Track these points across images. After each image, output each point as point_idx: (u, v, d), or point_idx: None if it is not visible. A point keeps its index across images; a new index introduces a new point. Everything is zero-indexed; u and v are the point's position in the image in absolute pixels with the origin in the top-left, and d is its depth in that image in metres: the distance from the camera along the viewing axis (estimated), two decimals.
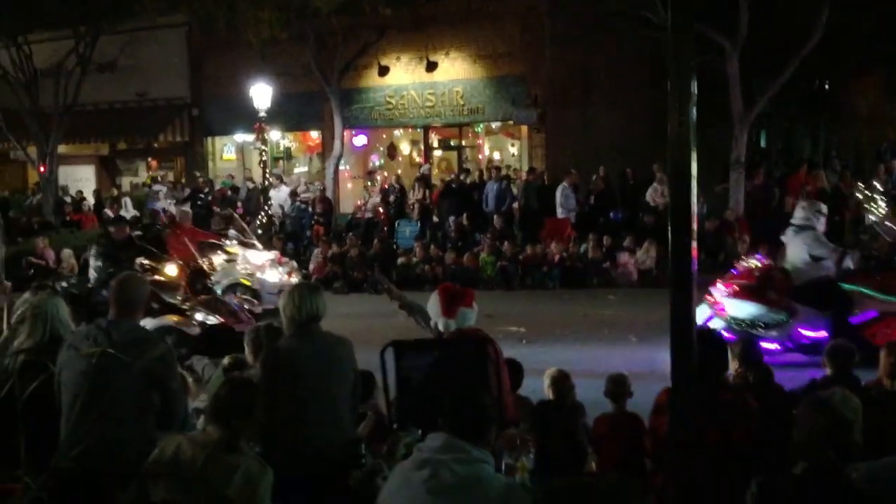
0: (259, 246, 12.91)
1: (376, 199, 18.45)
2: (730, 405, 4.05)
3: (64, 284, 9.66)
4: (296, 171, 22.17)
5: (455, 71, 19.28)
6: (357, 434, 4.43)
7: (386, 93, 19.80)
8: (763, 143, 20.42)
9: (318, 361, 4.16)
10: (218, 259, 11.45)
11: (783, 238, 8.93)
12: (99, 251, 9.09)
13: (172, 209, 18.45)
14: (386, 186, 18.70)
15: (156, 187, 19.80)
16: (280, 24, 17.13)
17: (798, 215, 8.74)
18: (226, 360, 5.70)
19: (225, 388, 3.77)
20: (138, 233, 10.52)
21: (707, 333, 4.44)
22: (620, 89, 17.47)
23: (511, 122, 19.42)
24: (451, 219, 16.33)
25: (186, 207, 15.37)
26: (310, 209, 18.05)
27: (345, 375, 4.27)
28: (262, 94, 17.59)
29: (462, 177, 18.17)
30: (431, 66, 19.13)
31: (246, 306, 10.02)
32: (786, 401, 4.71)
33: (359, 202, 19.13)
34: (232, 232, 12.92)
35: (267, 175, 18.39)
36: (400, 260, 15.38)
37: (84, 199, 19.75)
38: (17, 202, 20.77)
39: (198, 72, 22.01)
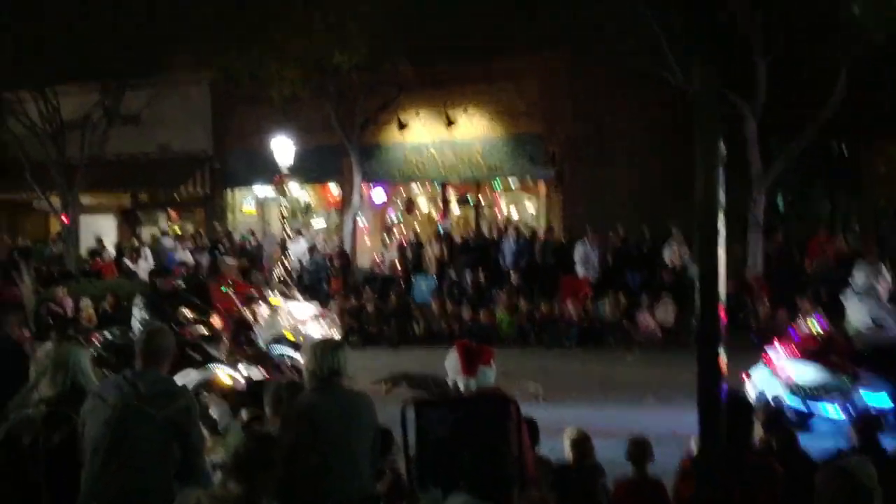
0: (301, 299, 12.80)
1: (394, 253, 18.52)
2: (756, 468, 3.99)
3: (108, 335, 9.65)
4: (314, 224, 22.33)
5: (474, 128, 19.52)
6: (376, 491, 4.39)
7: (405, 148, 20.04)
8: (781, 205, 20.40)
9: (338, 416, 4.17)
10: (261, 311, 11.43)
11: (843, 300, 8.79)
12: (144, 302, 9.05)
13: (189, 260, 18.63)
14: (403, 242, 18.78)
15: (164, 240, 19.95)
16: (302, 81, 17.47)
17: (859, 279, 8.62)
18: (244, 415, 5.68)
19: (245, 442, 3.76)
20: (181, 283, 10.55)
21: (733, 396, 4.39)
22: (637, 148, 17.59)
23: (529, 180, 19.56)
24: (468, 275, 16.33)
25: (231, 260, 15.34)
26: (327, 263, 18.13)
27: (365, 431, 4.27)
28: (282, 147, 17.83)
29: (479, 233, 18.24)
30: (450, 123, 19.39)
31: (288, 361, 9.94)
32: (811, 467, 4.62)
33: (376, 257, 19.19)
34: (276, 285, 12.89)
35: (286, 228, 18.52)
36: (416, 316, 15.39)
37: (104, 248, 19.92)
38: (38, 251, 20.99)
39: (220, 125, 22.38)
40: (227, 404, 7.12)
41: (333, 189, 21.70)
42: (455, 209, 21.17)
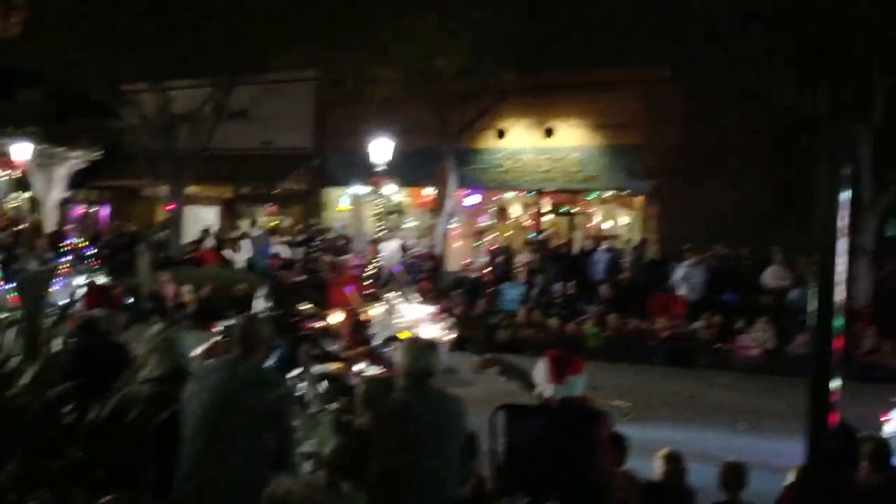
0: (418, 299, 12.86)
1: (484, 259, 18.52)
2: (861, 499, 3.81)
3: (230, 323, 9.93)
4: (406, 225, 22.57)
5: (572, 137, 19.37)
6: (462, 495, 4.38)
7: (502, 155, 20.05)
8: (892, 233, 19.47)
9: (429, 417, 4.17)
10: (375, 310, 11.58)
11: None
12: (268, 294, 9.28)
13: (287, 254, 19.10)
14: (495, 247, 18.77)
15: (254, 232, 20.48)
16: (403, 84, 17.70)
17: None
18: (334, 406, 5.77)
19: (340, 436, 3.81)
20: (302, 278, 10.78)
21: (841, 427, 4.21)
22: (740, 166, 17.07)
23: (625, 192, 19.26)
24: (558, 285, 16.18)
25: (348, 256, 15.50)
26: (418, 264, 18.27)
27: (455, 433, 4.26)
28: (381, 149, 18.05)
29: (570, 244, 18.08)
30: (549, 132, 19.30)
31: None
32: None
33: (466, 261, 19.24)
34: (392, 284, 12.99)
35: (379, 228, 18.77)
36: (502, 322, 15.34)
37: (209, 237, 20.63)
38: (149, 236, 21.93)
39: (321, 124, 22.89)
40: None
41: (427, 191, 21.88)
42: (548, 218, 21.02)
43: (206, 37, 18.09)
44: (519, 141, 19.90)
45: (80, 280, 12.76)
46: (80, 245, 15.39)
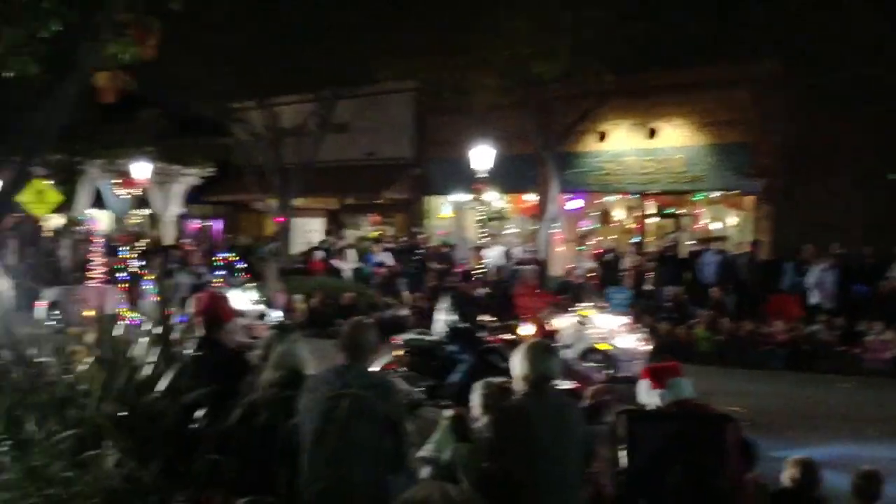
0: (610, 311, 12.60)
1: (588, 263, 18.28)
2: None
3: (411, 336, 9.81)
4: (506, 231, 22.54)
5: (677, 138, 18.91)
6: (581, 500, 4.32)
7: (603, 158, 19.78)
8: None
9: (549, 423, 4.13)
10: (565, 321, 11.35)
11: None
12: (452, 305, 9.26)
13: (391, 262, 19.39)
14: (599, 251, 18.52)
15: (340, 244, 20.84)
16: (502, 90, 17.71)
17: None
18: (449, 413, 5.78)
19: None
20: (487, 290, 10.69)
21: None
22: (860, 163, 16.24)
23: (733, 192, 18.64)
24: (666, 288, 15.81)
25: (531, 267, 15.44)
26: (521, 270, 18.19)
27: (576, 439, 4.21)
28: (481, 156, 18.12)
29: (678, 246, 17.63)
30: (652, 133, 18.91)
31: (601, 372, 9.85)
32: None
33: (570, 266, 19.03)
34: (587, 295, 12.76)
35: (481, 235, 18.81)
36: None
37: (316, 248, 21.17)
38: (256, 248, 22.71)
39: (422, 133, 23.16)
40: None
41: (529, 197, 21.80)
42: (653, 220, 20.59)
43: (310, 54, 18.60)
44: (621, 143, 19.58)
45: (235, 293, 13.09)
46: (231, 259, 15.85)
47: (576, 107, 18.68)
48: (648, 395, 4.49)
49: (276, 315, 12.96)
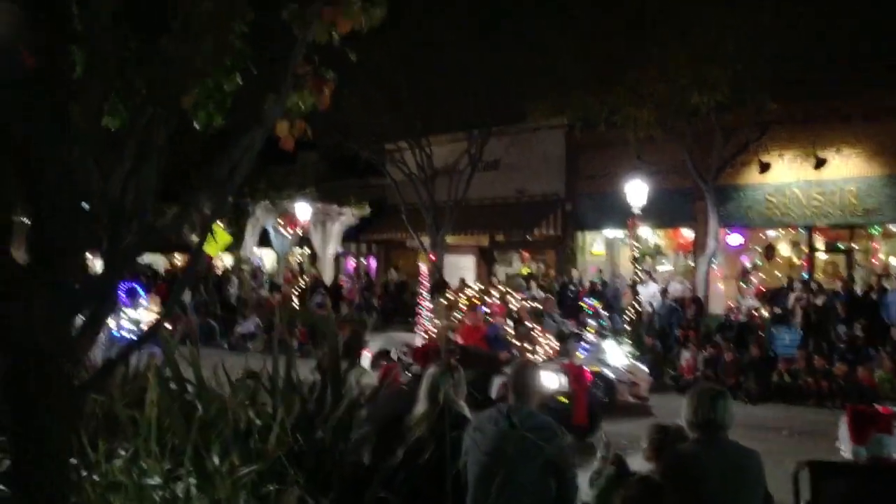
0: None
1: (751, 301, 17.42)
2: None
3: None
4: (660, 268, 21.91)
5: (847, 168, 17.78)
6: None
7: (766, 191, 18.88)
8: None
9: (721, 471, 3.89)
10: None
11: None
12: None
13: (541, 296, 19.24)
14: (763, 289, 17.60)
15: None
16: (657, 123, 17.33)
17: None
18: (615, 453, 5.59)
19: (637, 487, 3.69)
20: None
21: None
22: None
23: None
24: (841, 328, 14.78)
25: None
26: (678, 308, 17.58)
27: (753, 491, 3.94)
28: (636, 190, 17.75)
29: (852, 283, 16.48)
30: (820, 163, 17.86)
31: None
32: None
33: (731, 303, 18.21)
34: None
35: (637, 271, 18.36)
36: (779, 369, 14.24)
37: (467, 285, 21.37)
38: (411, 286, 23.21)
39: (573, 169, 23.01)
40: None
41: (685, 232, 21.11)
42: (823, 256, 19.38)
43: (462, 93, 18.99)
44: (785, 175, 18.62)
45: (610, 345, 13.18)
46: (598, 306, 15.22)
47: (736, 137, 17.98)
48: (844, 441, 4.13)
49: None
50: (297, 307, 21.25)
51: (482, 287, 13.10)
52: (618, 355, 13.14)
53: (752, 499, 3.93)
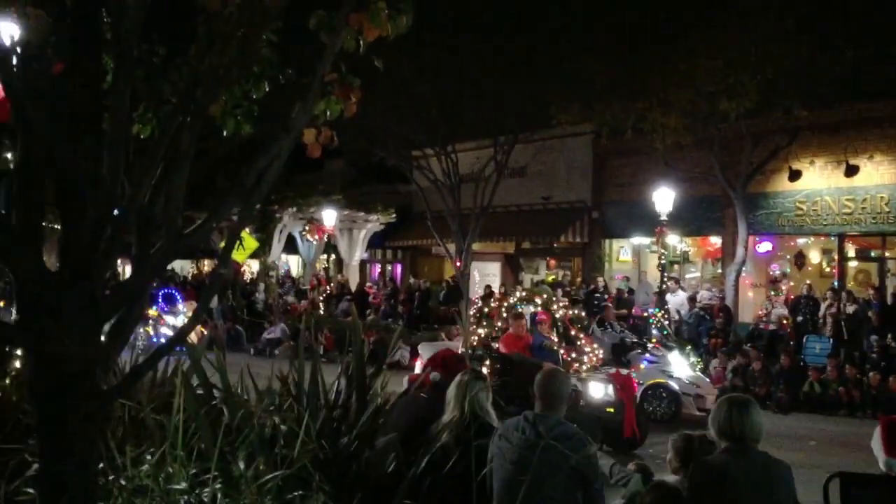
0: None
1: (781, 309, 17.19)
2: None
3: None
4: (688, 275, 21.72)
5: (879, 174, 17.50)
6: None
7: (796, 198, 18.64)
8: None
9: (750, 483, 3.84)
10: None
11: None
12: None
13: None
14: (793, 297, 17.37)
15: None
16: (685, 130, 17.19)
17: None
18: (632, 466, 5.54)
19: (652, 494, 3.64)
20: None
21: None
22: None
23: None
24: (874, 337, 14.54)
25: None
26: (707, 317, 17.41)
27: (783, 502, 3.88)
28: (663, 198, 17.62)
29: (883, 291, 16.22)
30: (851, 170, 17.59)
31: None
32: None
33: (760, 312, 17.99)
34: None
35: (664, 279, 18.20)
36: (810, 379, 14.03)
37: (493, 292, 21.34)
38: (434, 292, 23.24)
39: (599, 176, 22.91)
40: None
41: (713, 240, 20.91)
42: (854, 264, 19.09)
43: (489, 100, 18.96)
44: (815, 182, 18.38)
45: (675, 356, 13.11)
46: (659, 316, 15.45)
47: (765, 144, 17.78)
48: (877, 452, 4.04)
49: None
50: (323, 313, 21.34)
51: (524, 295, 12.87)
52: (683, 367, 12.94)
53: None
